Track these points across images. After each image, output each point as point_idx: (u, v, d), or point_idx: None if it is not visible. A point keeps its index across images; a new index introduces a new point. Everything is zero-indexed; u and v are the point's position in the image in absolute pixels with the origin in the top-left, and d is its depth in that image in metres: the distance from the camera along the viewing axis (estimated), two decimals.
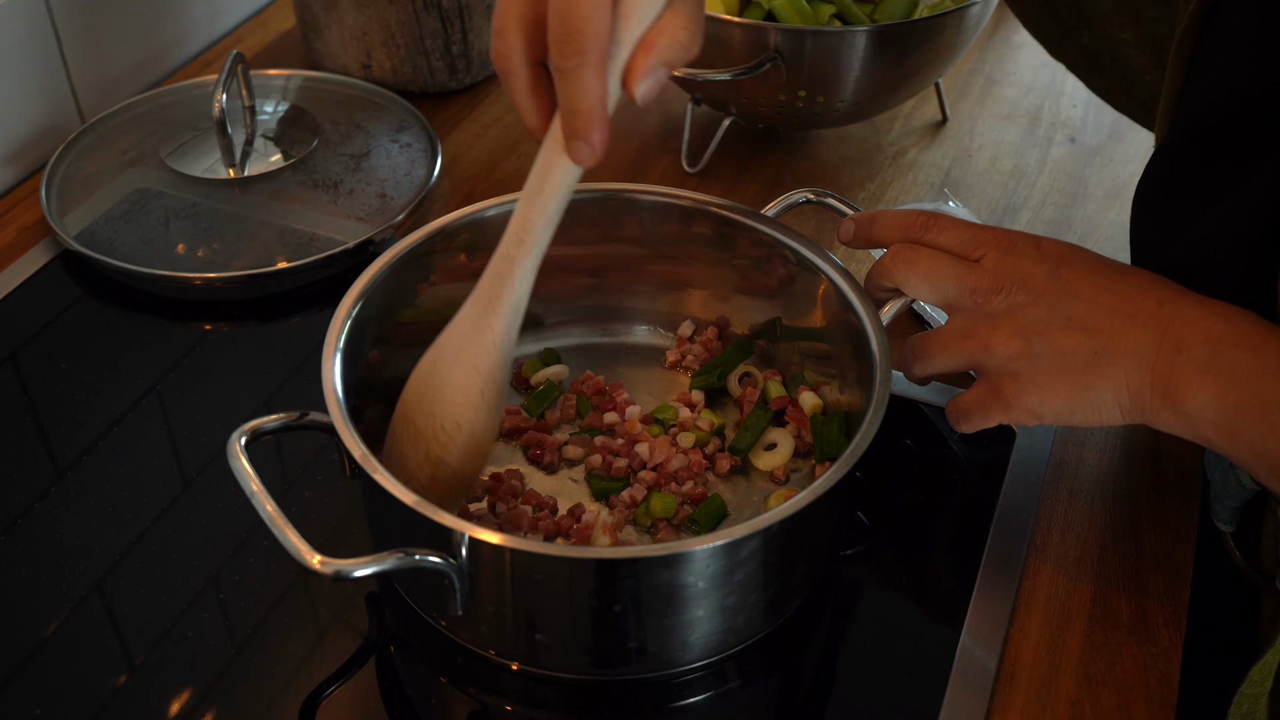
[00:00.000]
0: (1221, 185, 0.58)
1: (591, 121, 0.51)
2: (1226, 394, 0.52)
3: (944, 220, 0.61)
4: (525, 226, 0.56)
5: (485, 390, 0.58)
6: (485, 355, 0.58)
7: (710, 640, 0.57)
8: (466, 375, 0.58)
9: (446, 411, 0.59)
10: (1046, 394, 0.56)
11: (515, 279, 0.57)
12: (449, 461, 0.59)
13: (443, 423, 0.59)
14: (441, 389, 0.59)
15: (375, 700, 0.58)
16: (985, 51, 1.07)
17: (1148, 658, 0.60)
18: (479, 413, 0.59)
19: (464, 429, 0.59)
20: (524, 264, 0.56)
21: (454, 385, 0.58)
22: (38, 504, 0.67)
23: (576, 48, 0.49)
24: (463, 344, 0.58)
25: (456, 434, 0.59)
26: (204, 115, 0.91)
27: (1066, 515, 0.67)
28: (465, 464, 0.60)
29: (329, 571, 0.50)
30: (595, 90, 0.50)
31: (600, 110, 0.51)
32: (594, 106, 0.51)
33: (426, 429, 0.59)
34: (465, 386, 0.58)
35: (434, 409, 0.59)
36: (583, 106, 0.51)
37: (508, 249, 0.56)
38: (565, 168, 0.54)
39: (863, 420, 0.57)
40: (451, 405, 0.59)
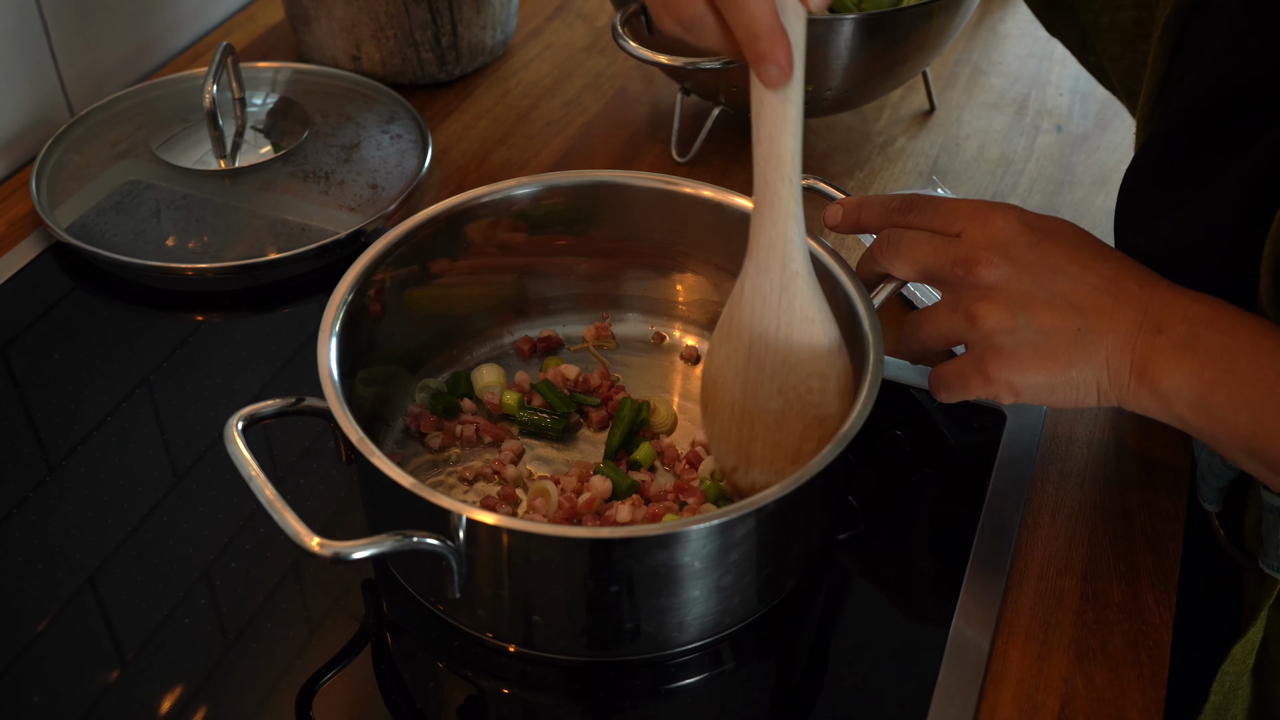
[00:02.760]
0: (1205, 175, 0.59)
1: (772, 41, 0.52)
2: (1201, 372, 0.53)
3: (924, 200, 0.61)
4: (782, 163, 0.56)
5: (827, 330, 0.60)
6: (809, 301, 0.59)
7: (705, 621, 0.58)
8: (805, 329, 0.59)
9: (805, 372, 0.60)
10: (1028, 370, 0.56)
11: (796, 216, 0.57)
12: (831, 411, 0.60)
13: (807, 383, 0.60)
14: (785, 360, 0.59)
15: (372, 686, 0.59)
16: (972, 40, 1.07)
17: (1138, 635, 0.61)
18: (833, 354, 0.60)
19: (830, 375, 0.60)
20: (796, 198, 0.57)
21: (798, 345, 0.59)
22: (30, 496, 0.67)
23: None
24: (780, 307, 0.59)
25: (826, 384, 0.60)
26: (194, 107, 0.91)
27: (1057, 497, 0.67)
28: (844, 405, 0.60)
29: (328, 554, 0.50)
30: (766, 10, 0.52)
31: (777, 28, 0.52)
32: (769, 27, 0.52)
33: (791, 403, 0.60)
34: (810, 339, 0.59)
35: (786, 382, 0.60)
36: (759, 29, 0.52)
37: (775, 192, 0.57)
38: (776, 99, 0.54)
39: (854, 403, 0.58)
40: (804, 364, 0.59)
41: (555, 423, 0.68)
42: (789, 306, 0.59)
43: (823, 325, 0.60)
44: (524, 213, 0.70)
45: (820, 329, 0.59)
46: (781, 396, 0.60)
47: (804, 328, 0.59)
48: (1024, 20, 1.10)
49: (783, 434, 0.61)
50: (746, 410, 0.61)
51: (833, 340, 0.60)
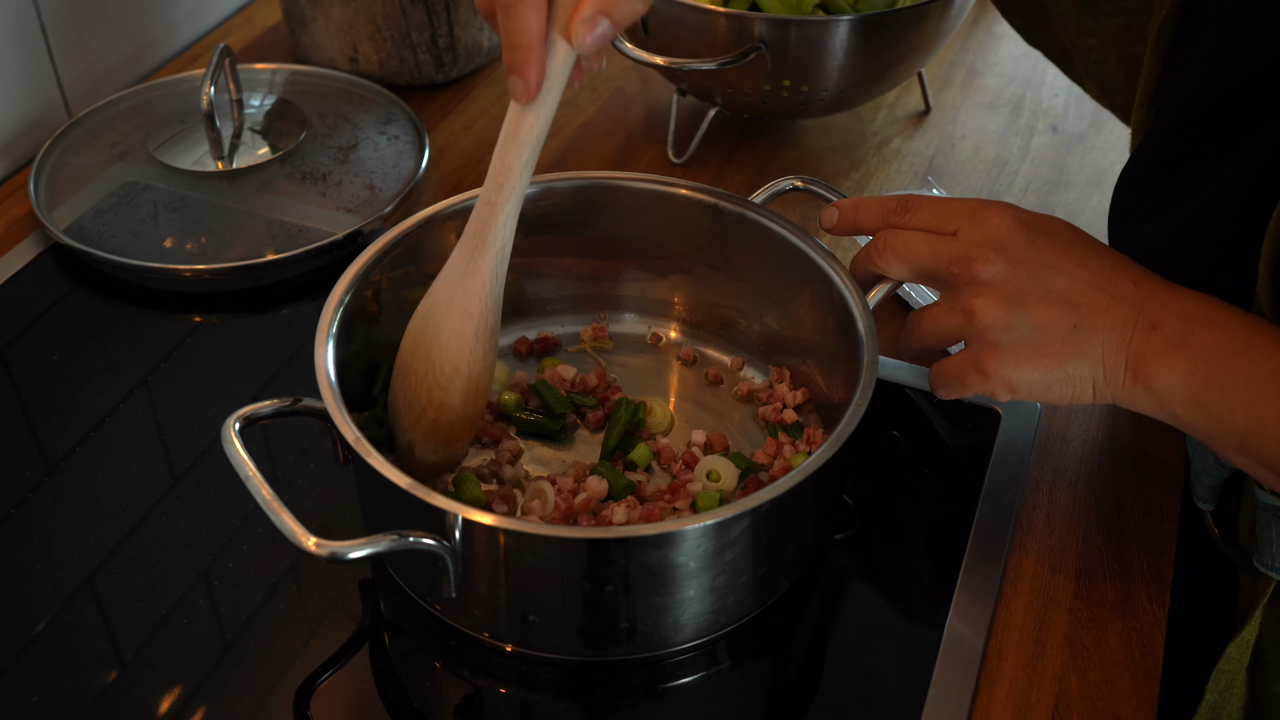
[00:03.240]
0: (1201, 175, 0.59)
1: (528, 57, 0.54)
2: (1195, 368, 0.53)
3: (919, 200, 0.61)
4: (503, 172, 0.58)
5: (479, 332, 0.61)
6: (477, 299, 0.60)
7: (701, 621, 0.58)
8: (460, 319, 0.61)
9: (444, 356, 0.61)
10: (1024, 366, 0.56)
11: (499, 223, 0.59)
12: (451, 404, 0.62)
13: (441, 367, 0.61)
14: (439, 335, 0.61)
15: (369, 686, 0.59)
16: (967, 41, 1.08)
17: (1132, 634, 0.61)
18: (474, 355, 0.61)
19: (462, 371, 0.61)
20: (505, 208, 0.59)
21: (450, 330, 0.61)
22: (29, 497, 0.67)
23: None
24: (454, 290, 0.61)
25: (456, 376, 0.61)
26: (192, 109, 0.91)
27: (1051, 496, 0.67)
28: (466, 405, 0.62)
29: (324, 554, 0.51)
30: (531, 25, 0.53)
31: (536, 47, 0.53)
32: (531, 42, 0.53)
33: (427, 374, 0.62)
34: (460, 330, 0.61)
35: (431, 354, 0.62)
36: (520, 41, 0.53)
37: (489, 195, 0.59)
38: (534, 113, 0.56)
39: (849, 404, 0.58)
40: (448, 349, 0.61)
41: (552, 423, 0.68)
42: (461, 292, 0.61)
43: (477, 327, 0.61)
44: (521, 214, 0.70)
45: (473, 328, 0.61)
46: (425, 365, 0.62)
47: (461, 318, 0.61)
48: None
49: (414, 397, 0.62)
50: (404, 362, 0.63)
51: (480, 344, 0.61)
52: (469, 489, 0.64)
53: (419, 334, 0.62)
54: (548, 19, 0.54)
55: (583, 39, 0.53)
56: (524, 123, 0.57)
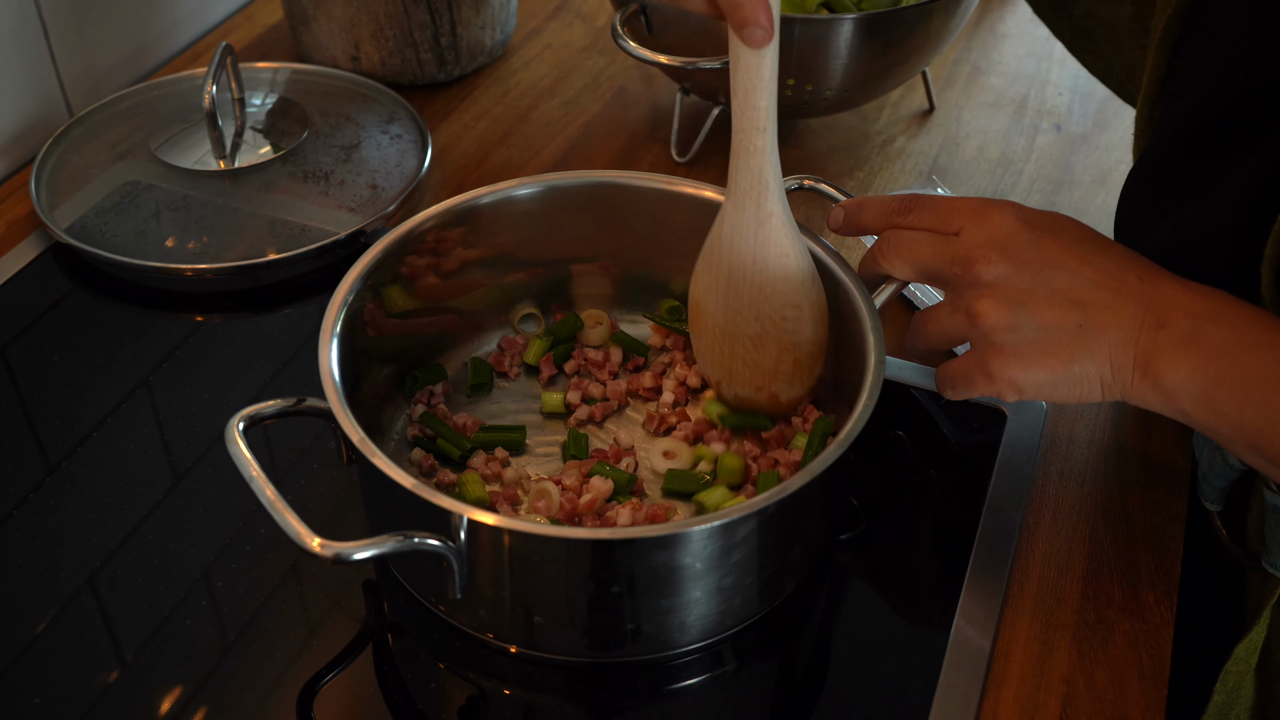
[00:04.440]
0: (1208, 178, 0.59)
1: (755, 5, 0.56)
2: (1205, 367, 0.53)
3: (922, 200, 0.61)
4: (761, 115, 0.60)
5: (801, 264, 0.63)
6: (784, 236, 0.63)
7: (707, 622, 0.58)
8: (779, 262, 0.63)
9: (780, 302, 0.63)
10: (1031, 367, 0.56)
11: (770, 162, 0.61)
12: (805, 337, 0.64)
13: (781, 312, 0.64)
14: (760, 289, 0.63)
15: (373, 687, 0.59)
16: (971, 40, 1.07)
17: (1140, 635, 0.60)
18: (806, 285, 0.64)
19: (804, 306, 0.64)
20: (772, 148, 0.61)
21: (773, 276, 0.63)
22: (30, 497, 0.66)
23: None
24: (756, 242, 0.63)
25: (799, 314, 0.64)
26: (193, 108, 0.91)
27: (1058, 496, 0.67)
28: (818, 332, 0.65)
29: (329, 554, 0.50)
30: None
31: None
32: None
33: (767, 329, 0.64)
34: (784, 272, 0.63)
35: (761, 309, 0.64)
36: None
37: (754, 142, 0.61)
38: (771, 53, 0.58)
39: (856, 404, 0.58)
40: (779, 294, 0.63)
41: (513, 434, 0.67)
42: (764, 241, 0.62)
43: (796, 259, 0.63)
44: (524, 213, 0.70)
45: (794, 262, 0.63)
46: (758, 322, 0.64)
47: (779, 261, 0.63)
48: (1023, 20, 1.10)
49: (760, 355, 0.65)
50: (727, 333, 0.65)
51: (805, 273, 0.64)
52: (473, 489, 0.63)
53: (730, 300, 0.64)
54: None
55: None
56: (763, 64, 0.58)
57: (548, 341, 0.72)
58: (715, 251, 0.64)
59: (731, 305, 0.64)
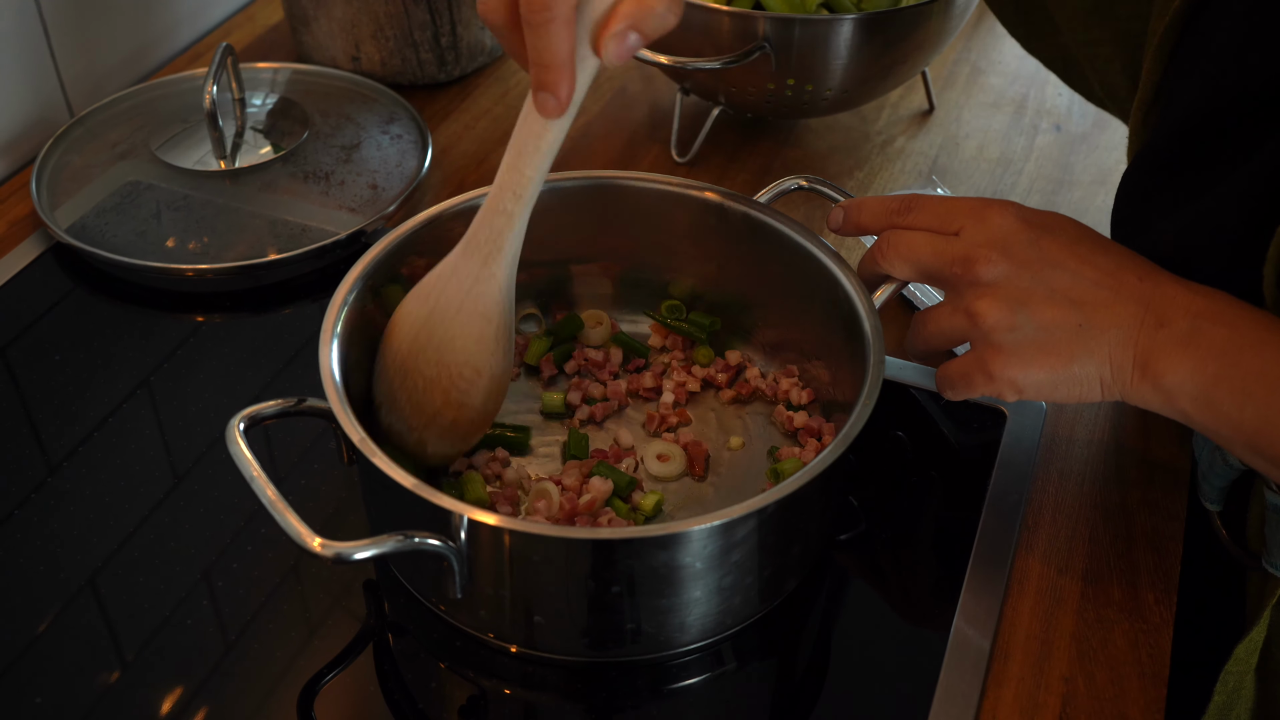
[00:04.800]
0: (1205, 182, 0.59)
1: (559, 75, 0.53)
2: (1204, 367, 0.53)
3: (922, 200, 0.61)
4: (521, 182, 0.58)
5: (499, 335, 0.62)
6: (494, 303, 0.61)
7: (707, 622, 0.58)
8: (479, 324, 0.62)
9: (463, 359, 0.62)
10: (1030, 367, 0.56)
11: (514, 231, 0.60)
12: (472, 404, 0.63)
13: (461, 370, 0.62)
14: (452, 339, 0.62)
15: (373, 686, 0.59)
16: (971, 40, 1.07)
17: (1139, 635, 0.61)
18: (495, 356, 0.63)
19: (484, 373, 0.63)
20: (521, 216, 0.60)
21: (466, 335, 0.62)
22: (31, 497, 0.67)
23: (545, 2, 0.51)
24: (467, 294, 0.61)
25: (477, 379, 0.62)
26: (194, 108, 0.91)
27: (1058, 496, 0.67)
28: (488, 404, 0.64)
29: (329, 554, 0.50)
30: (563, 44, 0.52)
31: (567, 64, 0.53)
32: (561, 60, 0.53)
33: (441, 377, 0.62)
34: (480, 335, 0.62)
35: (444, 358, 0.62)
36: (551, 60, 0.53)
37: (505, 205, 0.59)
38: (558, 126, 0.56)
39: (855, 404, 0.58)
40: (465, 353, 0.62)
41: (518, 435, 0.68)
42: (476, 297, 0.61)
43: (495, 330, 0.62)
44: None
45: (493, 331, 0.62)
46: (437, 368, 0.62)
47: (479, 322, 0.62)
48: None
49: (425, 399, 0.63)
50: (404, 365, 0.63)
51: (501, 346, 0.63)
52: (474, 489, 0.63)
53: (421, 337, 0.62)
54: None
55: (612, 54, 0.53)
56: (546, 135, 0.57)
57: (548, 342, 0.72)
58: (429, 285, 0.62)
59: (420, 340, 0.62)
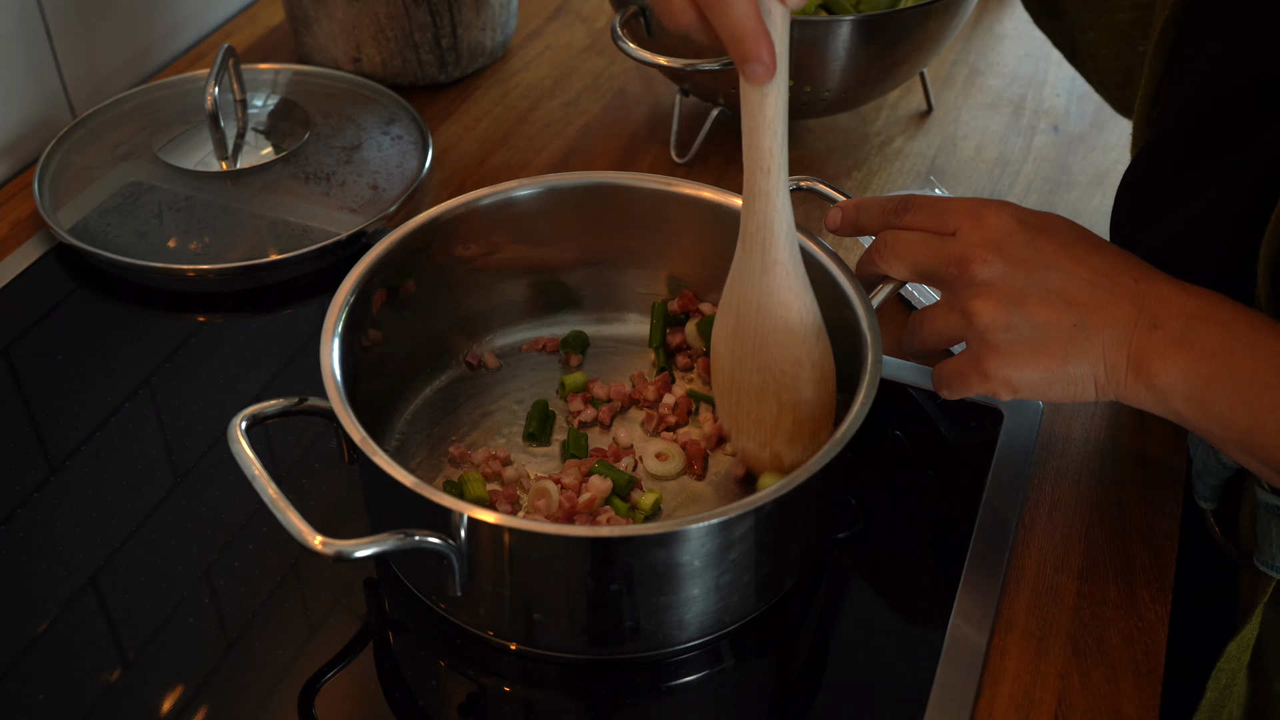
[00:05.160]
0: (1203, 178, 0.59)
1: (757, 41, 0.53)
2: (1197, 367, 0.53)
3: (919, 200, 0.62)
4: (765, 157, 0.58)
5: (804, 316, 0.61)
6: (788, 288, 0.61)
7: (705, 619, 0.58)
8: (781, 314, 0.61)
9: (779, 355, 0.61)
10: (1025, 367, 0.56)
11: (777, 208, 0.59)
12: (805, 397, 0.62)
13: (782, 367, 0.61)
14: (762, 339, 0.61)
15: (374, 684, 0.59)
16: (969, 41, 1.08)
17: (1135, 632, 0.61)
18: (808, 341, 0.61)
19: (804, 363, 0.61)
20: (779, 192, 0.59)
21: (773, 329, 0.61)
22: (33, 496, 0.67)
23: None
24: (760, 289, 0.61)
25: (799, 371, 0.61)
26: (195, 109, 0.91)
27: (1054, 494, 0.68)
28: (821, 392, 0.62)
29: (330, 552, 0.51)
30: (746, 12, 0.53)
31: (759, 28, 0.53)
32: (751, 26, 0.53)
33: (769, 382, 0.62)
34: (785, 324, 0.61)
35: (763, 360, 0.61)
36: (742, 31, 0.53)
37: (760, 185, 0.59)
38: (774, 89, 0.56)
39: (853, 403, 0.58)
40: (779, 347, 0.61)
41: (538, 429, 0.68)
42: (768, 289, 0.61)
43: (799, 313, 0.61)
44: (524, 214, 0.71)
45: (796, 316, 0.61)
46: (760, 374, 0.62)
47: (780, 312, 0.61)
48: (1021, 21, 1.10)
49: (762, 410, 0.63)
50: (734, 382, 0.63)
51: (809, 328, 0.62)
52: (473, 488, 0.64)
53: (737, 349, 0.62)
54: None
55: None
56: (767, 102, 0.56)
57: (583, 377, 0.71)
58: (728, 294, 0.62)
59: (737, 353, 0.62)
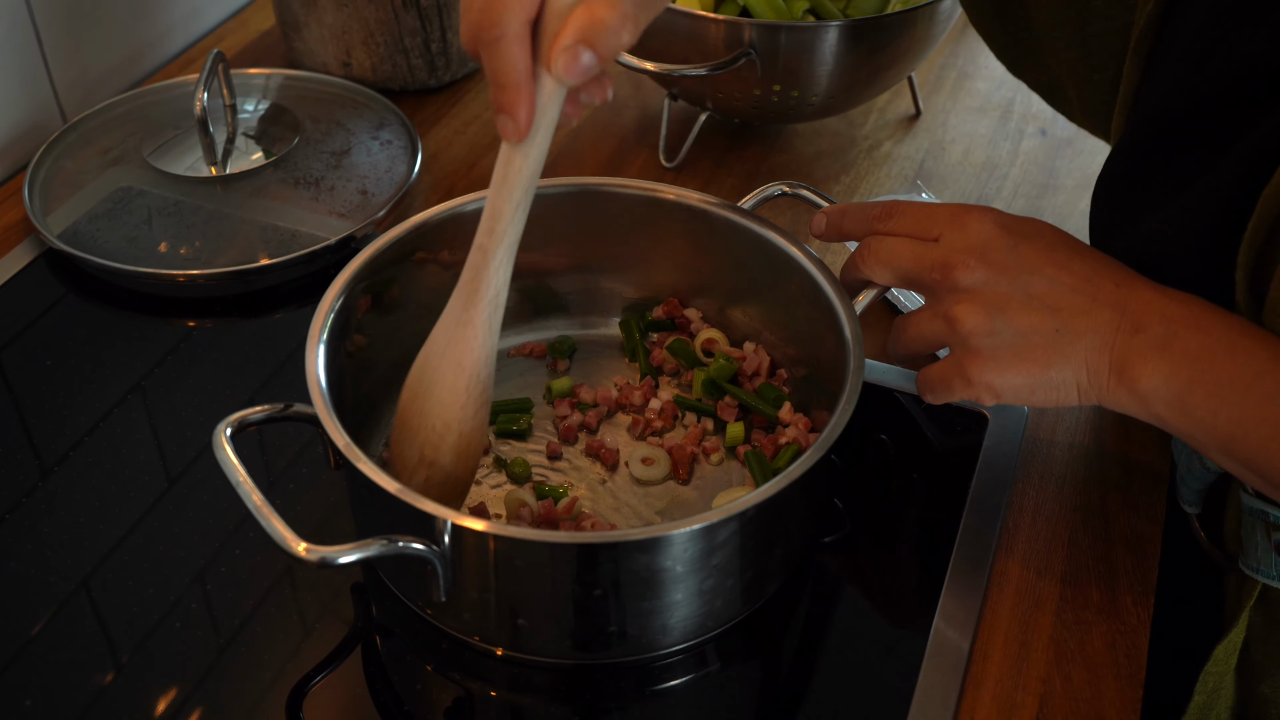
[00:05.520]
0: (1179, 180, 0.59)
1: (516, 95, 0.51)
2: (1179, 372, 0.54)
3: (903, 206, 0.62)
4: (494, 216, 0.55)
5: (470, 386, 0.58)
6: (469, 350, 0.58)
7: (689, 624, 0.58)
8: (453, 373, 0.58)
9: (437, 411, 0.59)
10: (1007, 372, 0.57)
11: (490, 269, 0.56)
12: (442, 463, 0.59)
13: (433, 423, 0.59)
14: (432, 388, 0.59)
15: (362, 689, 0.59)
16: (957, 45, 1.08)
17: (1117, 636, 0.61)
18: (465, 410, 0.59)
19: (453, 428, 0.59)
20: (497, 253, 0.56)
21: (442, 384, 0.58)
22: (23, 501, 0.67)
23: (494, 19, 0.49)
24: (448, 341, 0.58)
25: (446, 434, 0.59)
26: (185, 114, 0.92)
27: (1038, 499, 0.68)
28: (458, 465, 0.60)
29: (314, 559, 0.51)
30: (516, 62, 0.50)
31: (524, 84, 0.51)
32: (516, 79, 0.50)
33: (421, 429, 0.59)
34: (453, 385, 0.58)
35: (425, 408, 0.59)
36: (506, 80, 0.51)
37: (481, 240, 0.56)
38: (524, 153, 0.53)
39: (837, 407, 0.58)
40: (440, 405, 0.59)
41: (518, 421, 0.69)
42: (454, 343, 0.58)
43: (469, 380, 0.58)
44: None
45: (464, 381, 0.58)
46: (419, 418, 0.59)
47: (453, 370, 0.58)
48: None
49: (408, 450, 0.60)
50: (402, 412, 0.60)
51: (473, 399, 0.59)
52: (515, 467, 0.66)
53: (415, 386, 0.60)
54: (534, 53, 0.51)
55: (562, 70, 0.49)
56: (513, 163, 0.54)
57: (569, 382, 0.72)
58: (436, 327, 0.59)
59: (414, 388, 0.59)
